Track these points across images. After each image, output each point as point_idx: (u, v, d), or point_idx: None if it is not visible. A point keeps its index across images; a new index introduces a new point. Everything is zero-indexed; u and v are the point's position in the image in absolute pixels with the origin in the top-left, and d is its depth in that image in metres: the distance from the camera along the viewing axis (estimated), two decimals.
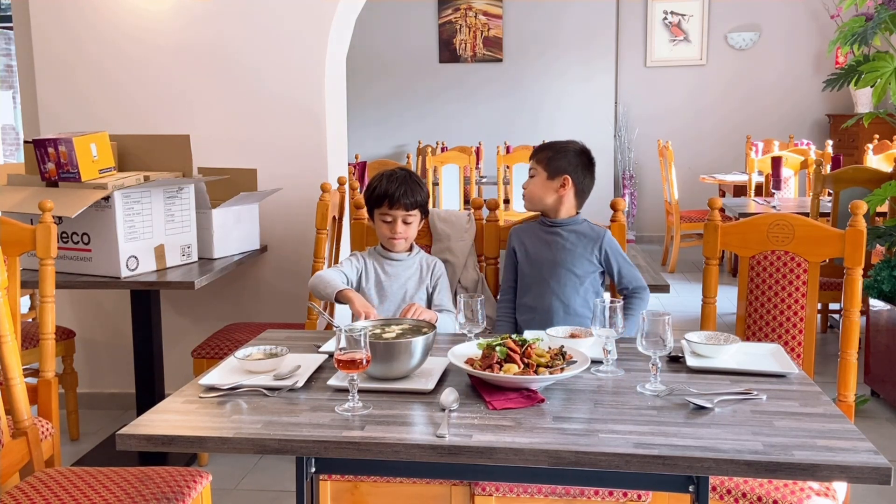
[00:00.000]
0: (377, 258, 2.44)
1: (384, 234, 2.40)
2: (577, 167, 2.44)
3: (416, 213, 2.40)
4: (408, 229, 2.39)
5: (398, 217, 2.36)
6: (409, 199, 2.35)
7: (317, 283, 2.31)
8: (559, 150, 2.46)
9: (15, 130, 9.55)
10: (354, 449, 1.45)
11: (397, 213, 2.36)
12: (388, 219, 2.37)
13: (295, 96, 3.52)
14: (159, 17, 3.53)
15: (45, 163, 2.90)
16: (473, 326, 1.94)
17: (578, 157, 2.45)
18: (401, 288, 2.40)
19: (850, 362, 2.15)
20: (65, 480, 1.90)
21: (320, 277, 2.32)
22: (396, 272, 2.41)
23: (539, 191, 2.45)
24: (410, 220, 2.39)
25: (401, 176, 2.38)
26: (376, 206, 2.38)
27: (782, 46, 7.84)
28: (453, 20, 8.20)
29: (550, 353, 1.73)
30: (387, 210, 2.36)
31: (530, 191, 2.47)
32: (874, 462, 1.35)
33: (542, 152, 2.47)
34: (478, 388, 1.69)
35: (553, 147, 2.48)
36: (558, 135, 7.92)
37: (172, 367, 3.42)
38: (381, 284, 2.39)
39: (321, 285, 2.29)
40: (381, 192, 2.36)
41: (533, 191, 2.46)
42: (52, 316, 2.32)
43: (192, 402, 1.66)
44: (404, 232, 2.38)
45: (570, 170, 2.42)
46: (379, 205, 2.37)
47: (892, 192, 3.55)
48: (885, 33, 3.57)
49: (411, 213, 2.38)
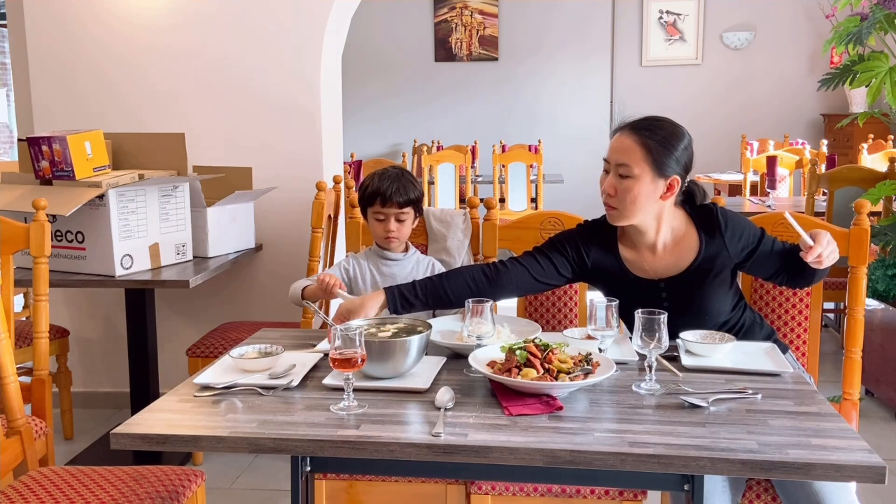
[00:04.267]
0: (373, 258, 2.43)
1: (378, 233, 2.40)
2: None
3: (409, 211, 2.39)
4: (401, 227, 2.38)
5: (391, 215, 2.35)
6: (401, 196, 2.34)
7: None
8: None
9: (9, 128, 9.53)
10: (350, 448, 1.45)
11: (390, 212, 2.35)
12: (381, 217, 2.36)
13: (290, 95, 3.51)
14: (154, 15, 3.52)
15: (39, 161, 2.89)
16: (483, 333, 1.83)
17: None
18: None
19: (854, 360, 2.16)
20: (59, 480, 1.89)
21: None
22: (392, 272, 2.40)
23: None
24: (403, 218, 2.38)
25: (393, 174, 2.37)
26: (369, 204, 2.37)
27: (777, 46, 7.86)
28: (449, 19, 8.20)
29: (574, 359, 1.69)
30: (379, 208, 2.35)
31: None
32: (869, 461, 1.35)
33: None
34: (497, 392, 1.66)
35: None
36: (554, 134, 8.00)
37: (167, 365, 3.42)
38: (377, 285, 2.38)
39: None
40: (373, 190, 2.35)
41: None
42: (46, 315, 2.32)
43: (186, 401, 1.65)
44: (398, 230, 2.37)
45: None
46: (371, 203, 2.36)
47: (886, 192, 3.56)
48: (880, 33, 3.58)
49: (404, 210, 2.37)
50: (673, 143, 1.94)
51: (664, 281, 2.04)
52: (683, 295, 2.02)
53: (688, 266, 2.02)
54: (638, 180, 1.92)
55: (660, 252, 2.04)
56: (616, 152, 1.95)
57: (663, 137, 1.93)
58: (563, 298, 2.53)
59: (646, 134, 1.93)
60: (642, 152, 1.92)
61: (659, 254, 2.04)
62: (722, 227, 2.00)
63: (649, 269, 2.05)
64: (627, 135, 1.95)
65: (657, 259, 2.05)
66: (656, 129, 1.94)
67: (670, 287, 2.03)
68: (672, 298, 2.03)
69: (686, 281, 2.01)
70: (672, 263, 2.03)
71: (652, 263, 2.05)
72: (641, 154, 1.92)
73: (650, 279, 2.05)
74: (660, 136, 1.93)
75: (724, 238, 2.00)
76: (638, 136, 1.93)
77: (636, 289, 2.05)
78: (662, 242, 2.03)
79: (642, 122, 1.97)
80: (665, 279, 2.04)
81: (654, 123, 1.96)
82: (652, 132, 1.94)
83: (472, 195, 6.22)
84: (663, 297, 2.03)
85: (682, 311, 1.99)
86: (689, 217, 2.06)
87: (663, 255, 2.04)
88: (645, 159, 1.91)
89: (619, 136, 1.97)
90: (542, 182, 6.39)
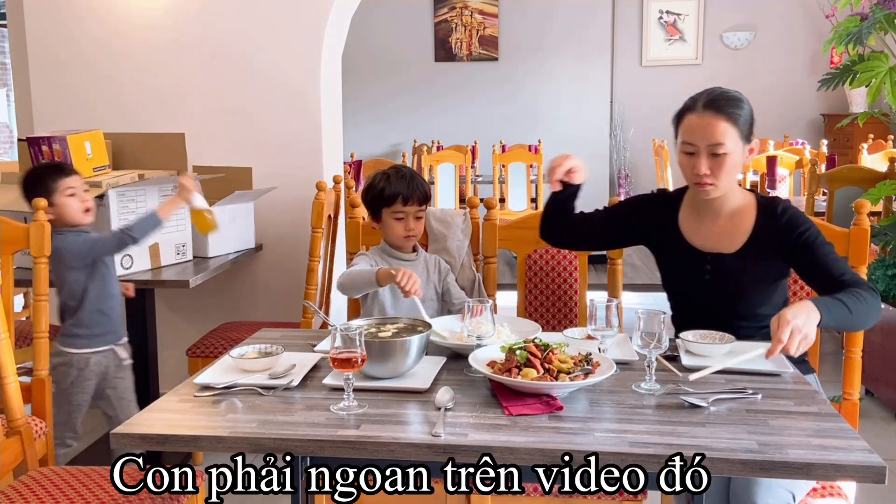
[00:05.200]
0: (385, 259, 2.39)
1: (397, 233, 2.36)
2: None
3: (425, 209, 2.39)
4: (419, 225, 2.38)
5: (411, 214, 2.34)
6: (421, 194, 2.35)
7: (352, 278, 2.17)
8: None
9: (9, 128, 9.53)
10: (350, 448, 1.45)
11: (410, 210, 2.34)
12: (401, 216, 2.34)
13: (290, 95, 3.51)
14: (154, 16, 3.52)
15: (39, 161, 2.89)
16: (483, 333, 1.83)
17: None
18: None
19: (855, 360, 2.16)
20: (59, 480, 1.89)
21: (350, 274, 2.20)
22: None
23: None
24: (421, 216, 2.38)
25: (406, 173, 2.37)
26: (387, 204, 2.34)
27: (777, 46, 7.86)
28: (449, 19, 8.20)
29: (574, 359, 1.69)
30: (401, 207, 2.33)
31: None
32: (869, 461, 1.35)
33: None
34: (497, 392, 1.66)
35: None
36: (554, 134, 8.00)
37: (167, 365, 3.42)
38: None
39: (357, 278, 2.16)
40: (393, 190, 2.33)
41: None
42: (46, 314, 2.32)
43: (186, 401, 1.66)
44: (416, 228, 2.37)
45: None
46: (391, 203, 2.33)
47: (886, 192, 3.56)
48: (880, 33, 3.58)
49: (422, 208, 2.37)
50: (745, 108, 1.98)
51: (711, 255, 2.06)
52: (726, 274, 2.04)
53: (738, 249, 2.03)
54: (731, 154, 1.95)
55: (720, 219, 2.06)
56: (706, 133, 1.95)
57: (737, 106, 1.96)
58: (563, 298, 2.53)
59: (728, 109, 1.95)
60: (731, 127, 1.94)
61: (718, 221, 2.06)
62: (778, 213, 2.01)
63: (704, 237, 2.08)
64: (709, 114, 1.95)
65: (714, 226, 2.07)
66: (730, 101, 1.97)
67: (715, 263, 2.05)
68: (714, 273, 2.05)
69: (732, 262, 2.03)
70: (725, 234, 2.05)
71: (708, 231, 2.07)
72: (731, 128, 1.94)
73: (699, 249, 2.08)
74: (735, 105, 1.96)
75: (777, 225, 2.00)
76: (721, 113, 1.94)
77: (684, 257, 2.09)
78: (728, 208, 2.05)
79: (715, 99, 1.97)
80: (713, 254, 2.06)
81: (725, 96, 1.98)
82: (729, 104, 1.96)
83: (472, 195, 6.22)
84: (707, 270, 2.06)
85: (721, 289, 2.03)
86: (755, 197, 2.08)
87: (720, 223, 2.06)
88: (735, 132, 1.95)
89: (700, 117, 1.96)
90: (542, 182, 6.38)
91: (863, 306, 1.80)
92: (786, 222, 2.00)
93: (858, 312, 1.79)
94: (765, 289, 2.05)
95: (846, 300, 1.78)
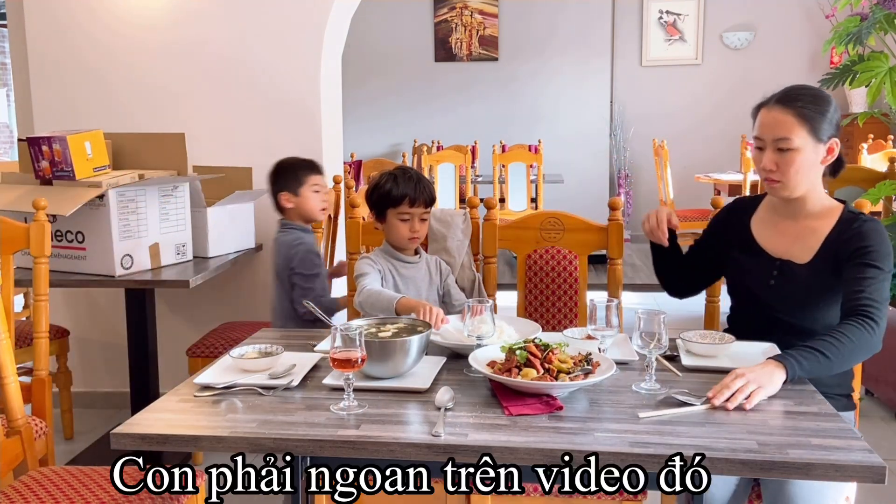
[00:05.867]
0: (389, 261, 2.39)
1: (402, 234, 2.35)
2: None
3: (430, 211, 2.40)
4: (423, 227, 2.38)
5: (416, 215, 2.34)
6: (427, 196, 2.35)
7: (372, 303, 2.10)
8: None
9: (9, 128, 9.52)
10: (350, 448, 1.45)
11: (416, 212, 2.33)
12: (406, 217, 2.33)
13: (290, 95, 3.51)
14: (154, 15, 3.52)
15: (39, 161, 2.89)
16: (483, 333, 1.83)
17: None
18: (416, 291, 2.37)
19: None
20: (59, 479, 1.89)
21: (370, 296, 2.12)
22: (411, 274, 2.39)
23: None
24: (426, 218, 2.38)
25: (412, 174, 2.37)
26: (393, 206, 2.33)
27: (777, 46, 7.86)
28: (449, 19, 8.20)
29: (574, 359, 1.69)
30: (407, 209, 2.33)
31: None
32: (869, 461, 1.35)
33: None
34: (497, 392, 1.66)
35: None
36: (554, 134, 8.00)
37: (167, 365, 3.41)
38: (398, 289, 2.34)
39: (378, 303, 2.09)
40: (400, 192, 2.32)
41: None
42: (46, 314, 2.32)
43: (186, 401, 1.66)
44: (421, 230, 2.37)
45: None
46: (397, 204, 2.32)
47: (886, 192, 3.55)
48: (880, 33, 3.58)
49: (427, 210, 2.37)
50: (823, 106, 1.93)
51: (781, 262, 2.01)
52: (792, 283, 1.98)
53: (809, 260, 1.97)
54: (799, 151, 1.91)
55: (796, 225, 2.01)
56: (771, 127, 1.93)
57: (813, 102, 1.92)
58: (563, 298, 2.53)
59: (797, 103, 1.91)
60: (798, 122, 1.90)
61: (793, 226, 2.01)
62: (855, 225, 1.93)
63: (776, 242, 2.04)
64: (778, 109, 1.92)
65: (788, 231, 2.02)
66: (804, 96, 1.93)
67: (783, 269, 2.00)
68: (779, 279, 2.00)
69: (800, 272, 1.97)
70: (798, 240, 1.99)
71: (781, 235, 2.03)
72: (798, 124, 1.90)
73: (769, 254, 2.04)
74: (810, 101, 1.92)
75: (847, 237, 1.92)
76: (789, 107, 1.91)
77: (751, 259, 2.06)
78: (806, 214, 2.00)
79: (788, 94, 1.94)
80: (782, 260, 2.01)
81: (799, 91, 1.94)
82: (801, 100, 1.92)
83: (472, 195, 6.22)
84: (773, 276, 2.01)
85: (785, 297, 1.99)
86: (842, 209, 1.99)
87: (795, 229, 2.01)
88: (803, 128, 1.90)
89: (768, 111, 1.94)
90: (542, 182, 6.38)
91: (845, 347, 1.73)
92: (854, 234, 1.91)
93: (839, 355, 1.73)
94: (831, 302, 1.95)
95: (822, 347, 1.72)
